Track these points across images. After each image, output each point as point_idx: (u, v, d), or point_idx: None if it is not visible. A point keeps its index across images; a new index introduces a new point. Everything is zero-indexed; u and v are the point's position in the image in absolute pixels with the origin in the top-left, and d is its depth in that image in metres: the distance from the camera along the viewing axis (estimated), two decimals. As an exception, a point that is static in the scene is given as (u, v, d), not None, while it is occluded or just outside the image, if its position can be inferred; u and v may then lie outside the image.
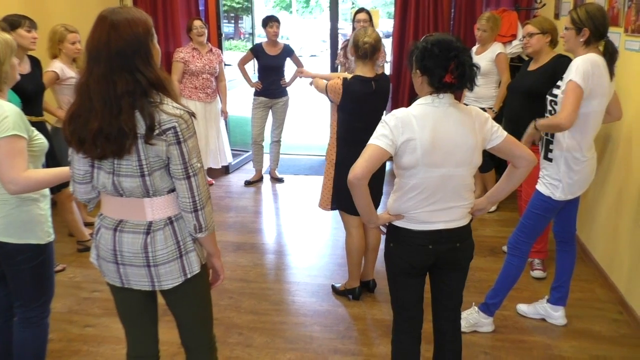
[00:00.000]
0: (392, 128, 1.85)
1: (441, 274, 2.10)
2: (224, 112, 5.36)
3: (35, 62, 3.53)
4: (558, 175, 2.66)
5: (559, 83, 2.65)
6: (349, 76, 2.95)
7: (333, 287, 3.41)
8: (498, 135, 1.95)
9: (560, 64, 3.19)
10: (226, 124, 5.53)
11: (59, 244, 2.55)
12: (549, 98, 2.73)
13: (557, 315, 3.00)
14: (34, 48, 3.43)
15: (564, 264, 2.94)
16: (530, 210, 2.79)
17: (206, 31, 5.03)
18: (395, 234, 2.05)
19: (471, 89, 1.90)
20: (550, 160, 2.70)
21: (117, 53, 1.55)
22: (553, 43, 3.29)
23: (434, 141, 1.84)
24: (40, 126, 3.41)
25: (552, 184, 2.69)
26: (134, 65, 1.57)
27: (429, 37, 1.91)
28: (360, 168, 1.84)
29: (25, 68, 3.41)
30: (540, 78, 3.26)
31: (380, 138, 1.86)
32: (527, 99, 3.36)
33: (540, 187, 2.75)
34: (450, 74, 1.83)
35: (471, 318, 2.92)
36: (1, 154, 1.87)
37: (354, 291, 3.28)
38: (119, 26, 1.56)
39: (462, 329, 2.65)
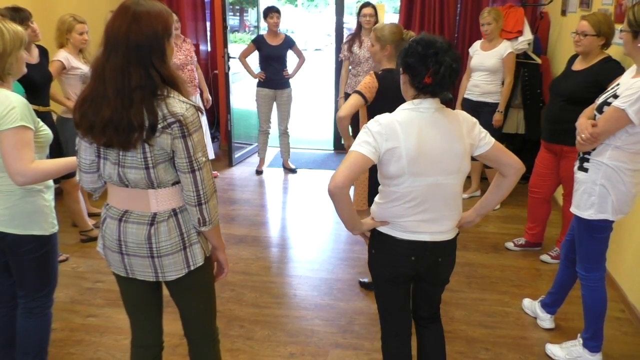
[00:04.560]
0: (375, 135, 1.76)
1: (421, 283, 2.05)
2: (207, 100, 5.22)
3: (43, 52, 3.54)
4: (594, 190, 2.36)
5: (616, 93, 2.28)
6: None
7: (361, 282, 3.38)
8: (486, 142, 1.87)
9: (604, 70, 3.02)
10: (210, 112, 5.40)
11: (63, 234, 2.56)
12: (597, 115, 2.36)
13: (544, 317, 2.96)
14: (39, 39, 3.44)
15: (564, 278, 2.82)
16: (580, 235, 2.51)
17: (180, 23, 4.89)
18: (378, 240, 1.97)
19: (447, 89, 1.79)
20: (585, 170, 2.41)
21: (135, 46, 1.56)
22: (606, 45, 3.08)
23: (420, 149, 1.76)
24: (46, 116, 3.43)
25: (590, 201, 2.39)
26: (149, 61, 1.58)
27: (417, 36, 1.86)
28: (342, 177, 1.72)
29: (34, 58, 3.42)
30: (582, 82, 3.11)
31: (363, 145, 1.76)
32: (567, 101, 3.20)
33: (576, 210, 2.46)
34: (429, 74, 1.76)
35: (574, 351, 2.64)
36: (9, 145, 1.87)
37: None
38: (140, 19, 1.57)
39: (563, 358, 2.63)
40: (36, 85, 3.32)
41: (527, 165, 3.93)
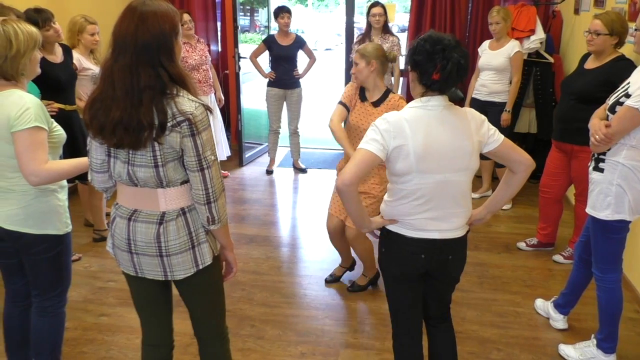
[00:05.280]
0: (383, 132, 1.77)
1: (431, 281, 2.04)
2: (219, 99, 5.25)
3: (66, 50, 3.57)
4: (610, 190, 2.33)
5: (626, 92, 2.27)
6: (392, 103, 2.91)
7: (352, 286, 3.35)
8: (495, 139, 1.87)
9: (616, 69, 2.97)
10: (221, 111, 5.47)
11: (75, 234, 2.58)
12: (610, 115, 2.35)
13: (557, 317, 2.93)
14: (62, 39, 3.50)
15: (578, 279, 2.78)
16: (596, 236, 2.48)
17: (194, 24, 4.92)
18: (387, 239, 1.98)
19: (455, 86, 1.79)
20: (601, 170, 2.37)
21: (143, 46, 1.57)
22: (619, 44, 3.03)
23: (427, 146, 1.77)
24: (73, 115, 3.47)
25: (606, 202, 2.35)
26: (157, 60, 1.59)
27: (425, 34, 1.86)
28: (350, 174, 1.74)
29: (58, 57, 3.45)
30: (593, 81, 3.07)
31: (371, 142, 1.78)
32: (578, 100, 3.16)
33: (592, 211, 2.43)
34: (436, 70, 1.76)
35: (588, 352, 2.61)
36: (23, 146, 1.89)
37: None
38: (147, 19, 1.58)
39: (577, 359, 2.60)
40: (62, 84, 3.36)
41: (539, 165, 3.92)
